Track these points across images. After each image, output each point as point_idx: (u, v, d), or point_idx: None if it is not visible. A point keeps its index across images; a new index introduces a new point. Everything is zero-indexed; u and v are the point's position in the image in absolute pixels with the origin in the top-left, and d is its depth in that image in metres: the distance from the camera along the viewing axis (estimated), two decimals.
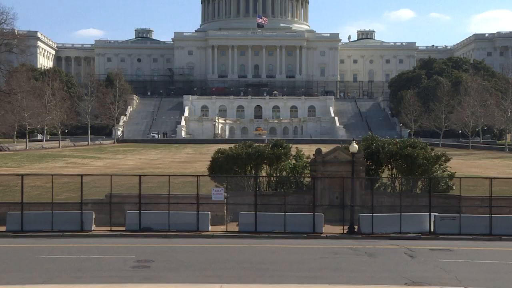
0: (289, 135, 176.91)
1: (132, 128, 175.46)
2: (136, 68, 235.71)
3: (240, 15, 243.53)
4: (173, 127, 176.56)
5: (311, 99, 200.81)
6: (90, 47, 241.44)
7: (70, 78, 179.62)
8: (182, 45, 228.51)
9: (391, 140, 50.36)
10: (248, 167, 49.00)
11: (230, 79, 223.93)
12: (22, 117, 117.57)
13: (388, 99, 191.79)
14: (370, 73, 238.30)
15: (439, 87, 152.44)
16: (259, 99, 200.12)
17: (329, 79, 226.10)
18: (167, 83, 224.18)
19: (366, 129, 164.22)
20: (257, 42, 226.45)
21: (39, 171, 67.46)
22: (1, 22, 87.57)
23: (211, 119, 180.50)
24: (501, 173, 68.43)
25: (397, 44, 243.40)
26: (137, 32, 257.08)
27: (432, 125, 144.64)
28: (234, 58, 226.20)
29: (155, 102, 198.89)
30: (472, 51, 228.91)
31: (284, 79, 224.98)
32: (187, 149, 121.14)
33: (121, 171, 65.47)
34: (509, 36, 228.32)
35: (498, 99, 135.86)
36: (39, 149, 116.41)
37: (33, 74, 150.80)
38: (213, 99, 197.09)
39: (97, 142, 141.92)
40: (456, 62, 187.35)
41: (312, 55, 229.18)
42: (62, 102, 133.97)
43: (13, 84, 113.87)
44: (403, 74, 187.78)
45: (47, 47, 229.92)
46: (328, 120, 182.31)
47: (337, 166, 46.49)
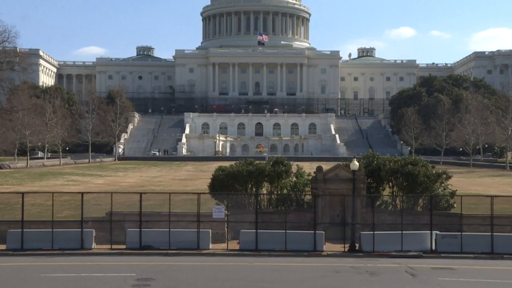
0: (290, 152, 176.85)
1: (133, 145, 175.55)
2: (137, 85, 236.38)
3: (241, 33, 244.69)
4: (174, 144, 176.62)
5: (312, 116, 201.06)
6: (92, 64, 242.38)
7: (71, 96, 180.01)
8: (183, 62, 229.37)
9: (392, 158, 50.33)
10: (249, 184, 48.93)
11: (231, 97, 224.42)
12: (23, 135, 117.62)
13: (388, 117, 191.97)
14: (370, 91, 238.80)
15: (440, 105, 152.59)
16: (260, 116, 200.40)
17: (329, 96, 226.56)
18: (168, 101, 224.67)
19: (367, 147, 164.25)
20: (258, 59, 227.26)
21: (40, 189, 67.38)
22: (3, 40, 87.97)
23: (212, 136, 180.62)
24: (502, 191, 68.27)
25: (397, 62, 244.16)
26: (138, 49, 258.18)
27: (433, 143, 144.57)
28: (235, 76, 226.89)
29: (156, 120, 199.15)
30: (472, 69, 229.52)
31: (285, 96, 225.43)
32: (188, 167, 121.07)
33: (122, 189, 65.40)
34: (509, 54, 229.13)
35: (498, 117, 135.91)
36: (40, 167, 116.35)
37: (35, 92, 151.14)
38: (214, 117, 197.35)
39: (98, 160, 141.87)
40: (456, 80, 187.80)
41: (312, 72, 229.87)
42: (63, 119, 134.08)
43: (14, 101, 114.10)
44: (404, 91, 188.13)
45: (49, 65, 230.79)
46: (329, 137, 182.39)
47: (338, 183, 46.42)
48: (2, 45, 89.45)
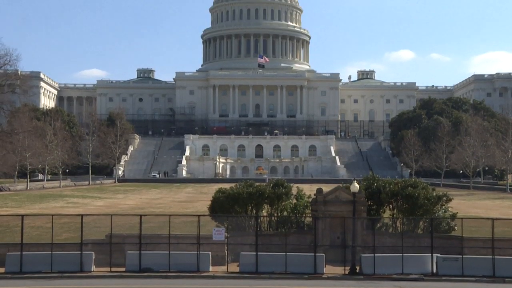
0: (290, 174, 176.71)
1: (133, 167, 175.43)
2: (138, 107, 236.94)
3: (241, 55, 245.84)
4: (174, 166, 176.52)
5: (312, 138, 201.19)
6: (92, 87, 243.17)
7: (71, 118, 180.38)
8: (183, 84, 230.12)
9: (392, 180, 50.31)
10: (249, 206, 48.86)
11: (231, 119, 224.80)
12: (23, 157, 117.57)
13: (388, 139, 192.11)
14: (370, 113, 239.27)
15: (440, 127, 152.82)
16: (260, 138, 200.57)
17: (329, 118, 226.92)
18: (169, 123, 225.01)
19: (367, 169, 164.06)
20: (258, 82, 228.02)
21: (40, 211, 67.25)
22: (5, 63, 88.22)
23: (212, 158, 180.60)
24: (503, 214, 68.14)
25: (397, 84, 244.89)
26: (139, 72, 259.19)
27: (433, 165, 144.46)
28: (235, 98, 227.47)
29: (156, 142, 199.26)
30: (471, 92, 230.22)
31: (285, 118, 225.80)
32: (188, 189, 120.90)
33: (122, 211, 65.27)
34: (508, 77, 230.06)
35: (498, 140, 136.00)
36: (39, 189, 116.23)
37: (35, 114, 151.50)
38: (214, 139, 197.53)
39: (98, 182, 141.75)
40: (456, 103, 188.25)
41: (312, 94, 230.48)
42: (63, 141, 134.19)
43: (15, 124, 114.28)
44: (404, 114, 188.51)
45: (50, 87, 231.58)
46: (329, 159, 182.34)
47: (338, 206, 46.35)
48: (3, 68, 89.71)
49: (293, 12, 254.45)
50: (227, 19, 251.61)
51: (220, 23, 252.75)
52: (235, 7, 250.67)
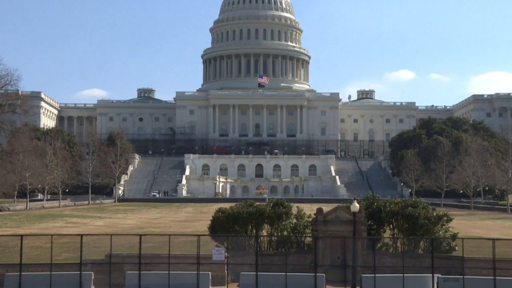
0: (290, 194, 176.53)
1: (133, 187, 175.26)
2: (138, 127, 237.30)
3: (241, 75, 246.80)
4: (174, 186, 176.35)
5: (312, 158, 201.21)
6: (93, 106, 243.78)
7: (72, 138, 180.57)
8: (183, 104, 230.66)
9: (392, 200, 50.21)
10: (249, 226, 48.70)
11: (231, 138, 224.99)
12: (23, 177, 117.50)
13: (388, 159, 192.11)
14: (370, 133, 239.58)
15: (440, 147, 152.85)
16: (260, 158, 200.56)
17: (329, 138, 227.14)
18: (169, 142, 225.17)
19: (367, 188, 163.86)
20: (258, 101, 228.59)
21: (39, 231, 67.06)
22: (6, 83, 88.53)
23: (212, 178, 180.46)
24: (504, 235, 67.91)
25: (397, 104, 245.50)
26: (139, 91, 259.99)
27: (433, 185, 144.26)
28: (235, 117, 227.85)
29: (156, 161, 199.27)
30: (471, 112, 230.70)
31: (285, 138, 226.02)
32: (188, 208, 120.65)
33: (122, 231, 65.08)
34: (507, 97, 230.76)
35: (498, 160, 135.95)
36: (39, 209, 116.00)
37: (36, 134, 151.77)
38: (214, 158, 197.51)
39: (97, 201, 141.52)
40: (455, 122, 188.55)
41: (312, 114, 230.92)
42: (63, 161, 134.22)
43: (15, 144, 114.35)
44: (403, 133, 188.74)
45: (50, 107, 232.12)
46: (329, 179, 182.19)
47: (339, 225, 46.21)
48: (4, 88, 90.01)
49: (293, 32, 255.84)
50: (227, 39, 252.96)
51: (220, 43, 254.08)
52: (235, 28, 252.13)
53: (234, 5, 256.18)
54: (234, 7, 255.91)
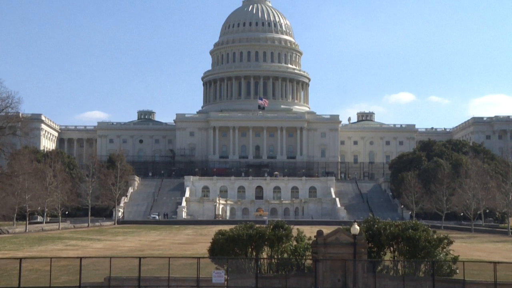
0: (290, 216, 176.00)
1: (132, 209, 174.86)
2: (138, 149, 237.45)
3: (241, 97, 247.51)
4: (174, 208, 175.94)
5: (312, 180, 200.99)
6: (93, 129, 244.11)
7: (72, 160, 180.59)
8: (183, 126, 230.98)
9: (393, 222, 50.07)
10: (249, 248, 48.50)
11: (231, 160, 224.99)
12: (22, 199, 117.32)
13: (389, 181, 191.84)
14: (370, 155, 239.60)
15: (440, 169, 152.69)
16: (260, 179, 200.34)
17: (329, 160, 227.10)
18: (169, 164, 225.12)
19: (367, 211, 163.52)
20: (258, 123, 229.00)
21: (38, 254, 66.79)
22: (6, 106, 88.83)
23: (212, 200, 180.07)
24: (505, 258, 67.60)
25: (397, 126, 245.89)
26: (139, 113, 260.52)
27: (433, 207, 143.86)
28: (235, 139, 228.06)
29: (156, 183, 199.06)
30: (471, 134, 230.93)
31: (285, 160, 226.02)
32: (188, 230, 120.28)
33: (121, 253, 64.83)
34: (507, 120, 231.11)
35: (499, 182, 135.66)
36: (38, 232, 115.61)
37: (36, 156, 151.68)
38: (214, 180, 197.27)
39: (97, 224, 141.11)
40: (455, 145, 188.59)
41: (312, 136, 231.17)
42: (63, 183, 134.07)
43: (15, 166, 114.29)
44: (403, 155, 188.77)
45: (51, 129, 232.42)
46: (329, 201, 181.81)
47: (339, 248, 46.02)
48: (5, 111, 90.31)
49: (293, 54, 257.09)
50: (227, 61, 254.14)
51: (220, 66, 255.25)
52: (235, 50, 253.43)
53: (235, 27, 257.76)
54: (234, 30, 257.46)
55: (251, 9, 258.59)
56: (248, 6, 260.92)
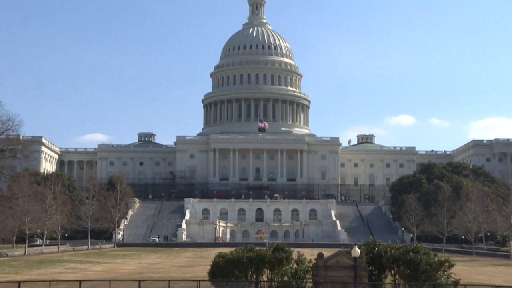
0: (291, 238, 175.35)
1: (132, 231, 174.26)
2: (138, 171, 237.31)
3: (241, 119, 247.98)
4: (174, 230, 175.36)
5: (312, 202, 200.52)
6: (93, 151, 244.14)
7: (72, 182, 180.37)
8: (184, 148, 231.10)
9: (393, 245, 49.95)
10: (249, 271, 48.34)
11: (231, 182, 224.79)
12: (22, 222, 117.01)
13: (389, 203, 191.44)
14: (370, 177, 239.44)
15: (440, 192, 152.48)
16: (260, 202, 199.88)
17: (330, 182, 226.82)
18: (169, 186, 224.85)
19: (368, 233, 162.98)
20: (258, 145, 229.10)
21: (37, 277, 66.48)
22: (7, 128, 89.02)
23: (212, 222, 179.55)
24: (507, 282, 67.25)
25: (397, 149, 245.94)
26: (140, 136, 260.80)
27: (434, 230, 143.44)
28: (236, 161, 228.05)
29: (156, 205, 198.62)
30: (471, 157, 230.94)
31: (285, 182, 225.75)
32: (188, 253, 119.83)
33: (121, 276, 64.53)
34: (507, 143, 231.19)
35: (499, 205, 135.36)
36: (38, 254, 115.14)
37: (36, 179, 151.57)
38: (214, 202, 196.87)
39: (97, 246, 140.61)
40: (456, 167, 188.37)
41: (313, 158, 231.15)
42: (63, 206, 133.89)
43: (15, 189, 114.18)
44: (404, 178, 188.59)
45: (51, 152, 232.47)
46: (330, 223, 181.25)
47: (339, 271, 45.84)
48: (5, 134, 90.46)
49: (293, 77, 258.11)
50: (228, 84, 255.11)
51: (220, 88, 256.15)
52: (235, 72, 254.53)
53: (235, 50, 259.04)
54: (235, 53, 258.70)
55: (251, 32, 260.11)
56: (248, 29, 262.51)
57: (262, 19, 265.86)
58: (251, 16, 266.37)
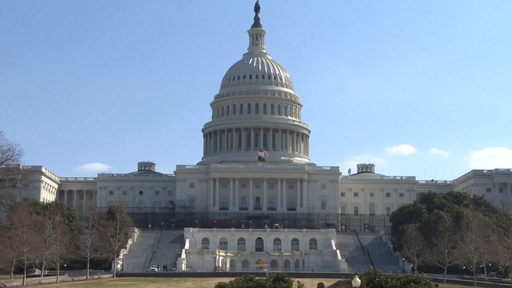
0: (291, 268, 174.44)
1: (132, 261, 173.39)
2: (138, 200, 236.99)
3: (241, 148, 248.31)
4: (174, 260, 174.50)
5: (313, 231, 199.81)
6: (93, 180, 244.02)
7: (71, 212, 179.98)
8: (183, 177, 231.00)
9: (394, 275, 49.87)
10: None
11: (231, 211, 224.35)
12: (21, 252, 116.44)
13: (389, 233, 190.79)
14: (371, 206, 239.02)
15: (441, 222, 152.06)
16: (260, 231, 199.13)
17: (330, 211, 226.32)
18: (168, 215, 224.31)
19: (368, 263, 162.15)
20: (258, 175, 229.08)
21: None
22: (7, 158, 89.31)
23: (212, 251, 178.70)
24: None
25: (397, 178, 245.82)
26: (139, 165, 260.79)
27: (435, 260, 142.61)
28: (236, 191, 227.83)
29: (156, 235, 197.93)
30: (471, 187, 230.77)
31: (285, 211, 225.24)
32: (187, 283, 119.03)
33: None
34: (507, 173, 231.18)
35: (500, 236, 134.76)
36: (36, 285, 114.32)
37: (35, 208, 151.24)
38: (214, 232, 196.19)
39: (95, 276, 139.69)
40: (456, 197, 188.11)
41: (313, 188, 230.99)
42: (62, 236, 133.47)
43: (14, 219, 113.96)
44: (404, 207, 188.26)
45: (51, 181, 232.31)
46: (330, 253, 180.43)
47: None
48: (5, 163, 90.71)
49: (292, 106, 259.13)
50: (228, 113, 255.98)
51: (220, 117, 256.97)
52: (235, 102, 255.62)
53: (235, 80, 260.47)
54: (234, 82, 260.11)
55: (251, 62, 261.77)
56: (248, 59, 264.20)
57: (262, 49, 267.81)
58: (251, 46, 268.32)
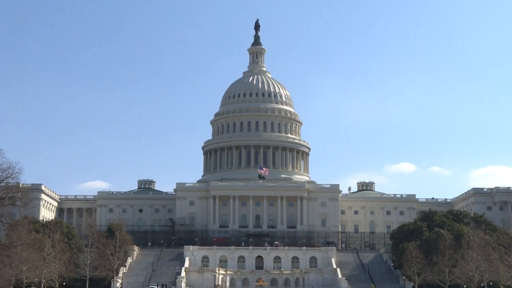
0: (291, 286, 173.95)
1: (131, 279, 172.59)
2: (138, 218, 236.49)
3: (241, 166, 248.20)
4: (173, 278, 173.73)
5: (313, 250, 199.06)
6: (93, 198, 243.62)
7: (71, 230, 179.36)
8: (183, 195, 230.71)
9: None
10: None
11: (231, 229, 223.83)
12: (19, 271, 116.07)
13: (390, 251, 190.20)
14: (371, 224, 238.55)
15: (441, 240, 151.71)
16: (260, 249, 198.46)
17: (330, 229, 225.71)
18: (168, 233, 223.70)
19: (369, 281, 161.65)
20: (258, 192, 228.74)
21: None
22: (7, 176, 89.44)
23: (212, 270, 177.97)
24: None
25: (397, 196, 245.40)
26: (139, 183, 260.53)
27: (436, 279, 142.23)
28: (236, 209, 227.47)
29: (156, 253, 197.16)
30: (472, 205, 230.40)
31: (285, 229, 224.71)
32: None
33: None
34: (507, 191, 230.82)
35: (501, 254, 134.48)
36: None
37: (34, 227, 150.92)
38: (214, 250, 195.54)
39: None
40: (456, 215, 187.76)
41: (313, 205, 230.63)
42: (61, 254, 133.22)
43: (13, 237, 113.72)
44: (404, 226, 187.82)
45: (50, 199, 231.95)
46: (330, 271, 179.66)
47: None
48: (5, 181, 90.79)
49: (293, 124, 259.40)
50: (228, 131, 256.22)
51: (221, 135, 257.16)
52: (235, 120, 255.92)
53: (235, 98, 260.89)
54: (235, 100, 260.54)
55: (251, 80, 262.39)
56: (248, 77, 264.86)
57: (262, 67, 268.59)
58: (251, 65, 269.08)
